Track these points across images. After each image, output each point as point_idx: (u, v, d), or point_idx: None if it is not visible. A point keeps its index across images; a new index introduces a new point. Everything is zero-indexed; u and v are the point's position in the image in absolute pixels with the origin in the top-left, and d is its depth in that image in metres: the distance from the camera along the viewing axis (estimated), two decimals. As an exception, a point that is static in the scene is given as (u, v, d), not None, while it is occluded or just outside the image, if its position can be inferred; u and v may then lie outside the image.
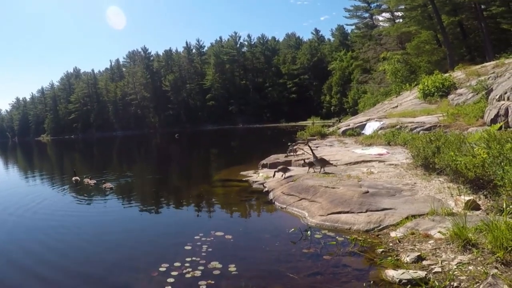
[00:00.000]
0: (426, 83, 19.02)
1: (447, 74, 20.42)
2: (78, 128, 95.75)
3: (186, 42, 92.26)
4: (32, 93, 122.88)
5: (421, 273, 3.48)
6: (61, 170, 18.63)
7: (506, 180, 4.08)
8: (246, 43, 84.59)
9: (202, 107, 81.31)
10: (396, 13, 41.00)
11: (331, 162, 9.01)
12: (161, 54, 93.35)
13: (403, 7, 34.03)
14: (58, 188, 11.54)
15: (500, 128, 7.71)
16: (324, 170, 8.45)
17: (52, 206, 8.65)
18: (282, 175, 8.46)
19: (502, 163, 4.52)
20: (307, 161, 9.16)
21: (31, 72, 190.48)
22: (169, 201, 9.02)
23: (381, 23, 48.72)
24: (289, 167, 9.01)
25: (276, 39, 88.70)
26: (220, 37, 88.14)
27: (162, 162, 20.86)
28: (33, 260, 5.16)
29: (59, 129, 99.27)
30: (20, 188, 12.43)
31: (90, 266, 4.78)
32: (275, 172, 8.81)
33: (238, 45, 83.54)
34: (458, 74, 19.99)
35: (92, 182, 11.24)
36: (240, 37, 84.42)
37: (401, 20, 38.11)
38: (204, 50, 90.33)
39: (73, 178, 12.07)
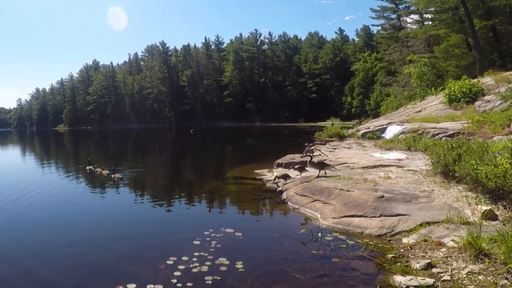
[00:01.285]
0: (452, 88, 18.42)
1: (475, 80, 19.69)
2: (95, 120, 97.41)
3: (205, 38, 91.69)
4: (51, 84, 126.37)
5: (429, 281, 3.43)
6: (76, 159, 19.10)
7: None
8: (267, 40, 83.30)
9: (219, 103, 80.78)
10: (425, 15, 39.73)
11: (330, 164, 8.86)
12: (179, 49, 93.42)
13: (433, 9, 32.89)
14: (72, 177, 11.85)
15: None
16: (325, 173, 8.33)
17: (62, 195, 8.85)
18: (283, 182, 8.45)
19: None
20: (296, 166, 9.07)
21: (51, 65, 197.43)
22: (180, 195, 9.13)
23: (408, 25, 47.36)
24: (289, 174, 8.91)
25: (298, 38, 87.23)
26: (240, 34, 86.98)
27: (176, 156, 21.16)
28: (42, 247, 5.33)
29: (77, 120, 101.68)
30: (35, 176, 12.74)
31: (98, 256, 4.88)
32: (276, 177, 8.77)
33: (258, 43, 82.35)
34: (487, 80, 19.24)
35: (105, 172, 11.43)
36: (260, 34, 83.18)
37: (430, 23, 36.85)
38: (223, 46, 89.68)
39: (87, 168, 12.37)
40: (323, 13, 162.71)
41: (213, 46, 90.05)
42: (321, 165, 8.52)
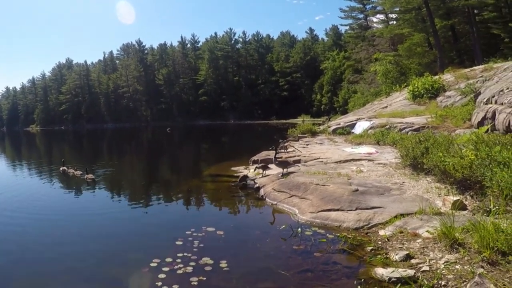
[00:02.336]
0: (416, 85, 19.29)
1: (436, 77, 20.73)
2: (68, 119, 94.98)
3: (181, 37, 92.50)
4: (22, 83, 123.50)
5: (410, 272, 3.53)
6: (49, 161, 18.30)
7: (494, 182, 4.16)
8: (240, 39, 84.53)
9: (195, 102, 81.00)
10: (390, 15, 41.42)
11: (293, 162, 8.95)
12: (156, 48, 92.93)
13: (398, 9, 34.33)
14: (45, 179, 11.41)
15: (487, 131, 7.87)
16: (287, 171, 8.41)
17: (34, 198, 8.50)
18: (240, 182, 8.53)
19: (491, 165, 4.61)
20: (259, 165, 9.15)
21: (22, 63, 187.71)
22: (158, 195, 8.93)
23: (375, 25, 49.13)
24: (249, 175, 8.99)
25: (271, 37, 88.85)
26: (215, 33, 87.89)
27: (153, 156, 20.68)
28: (17, 252, 5.07)
29: (49, 120, 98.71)
30: (5, 178, 12.18)
31: (77, 260, 4.67)
32: (240, 179, 8.73)
33: (232, 42, 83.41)
34: (447, 76, 20.31)
35: (78, 173, 11.17)
36: (235, 33, 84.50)
37: (394, 22, 38.46)
38: (199, 45, 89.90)
39: (61, 168, 12.09)
40: (295, 13, 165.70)
41: (189, 45, 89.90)
42: (284, 164, 8.55)
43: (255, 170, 9.28)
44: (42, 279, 4.22)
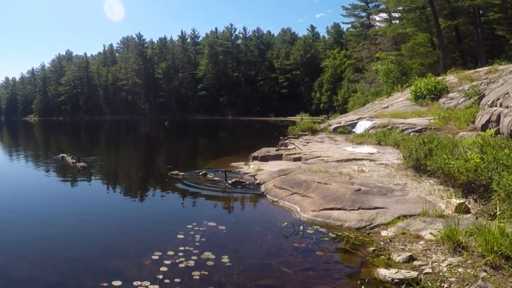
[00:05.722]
0: (418, 85, 19.17)
1: (440, 78, 20.60)
2: (66, 111, 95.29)
3: (181, 31, 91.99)
4: (22, 73, 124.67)
5: (413, 273, 3.49)
6: (46, 149, 18.49)
7: (502, 185, 4.12)
8: (241, 35, 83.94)
9: (193, 96, 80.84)
10: (393, 14, 41.17)
11: (244, 181, 8.66)
12: (156, 42, 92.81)
13: (401, 8, 34.07)
14: (42, 167, 11.54)
15: (491, 134, 7.81)
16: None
17: (31, 185, 8.55)
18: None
19: (498, 169, 4.56)
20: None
21: (22, 54, 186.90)
22: (157, 188, 8.90)
23: (377, 23, 48.89)
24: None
25: (271, 34, 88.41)
26: (216, 28, 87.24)
27: (151, 148, 20.67)
28: (15, 242, 5.02)
29: (47, 110, 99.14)
30: (9, 168, 12.12)
31: (76, 251, 4.62)
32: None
33: (233, 37, 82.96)
34: (450, 78, 20.19)
35: (71, 160, 11.59)
36: (235, 29, 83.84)
37: (397, 21, 38.23)
38: (199, 40, 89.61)
39: (60, 155, 12.66)
40: (295, 10, 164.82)
41: (188, 40, 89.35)
42: (236, 183, 8.30)
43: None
44: (38, 269, 4.18)
